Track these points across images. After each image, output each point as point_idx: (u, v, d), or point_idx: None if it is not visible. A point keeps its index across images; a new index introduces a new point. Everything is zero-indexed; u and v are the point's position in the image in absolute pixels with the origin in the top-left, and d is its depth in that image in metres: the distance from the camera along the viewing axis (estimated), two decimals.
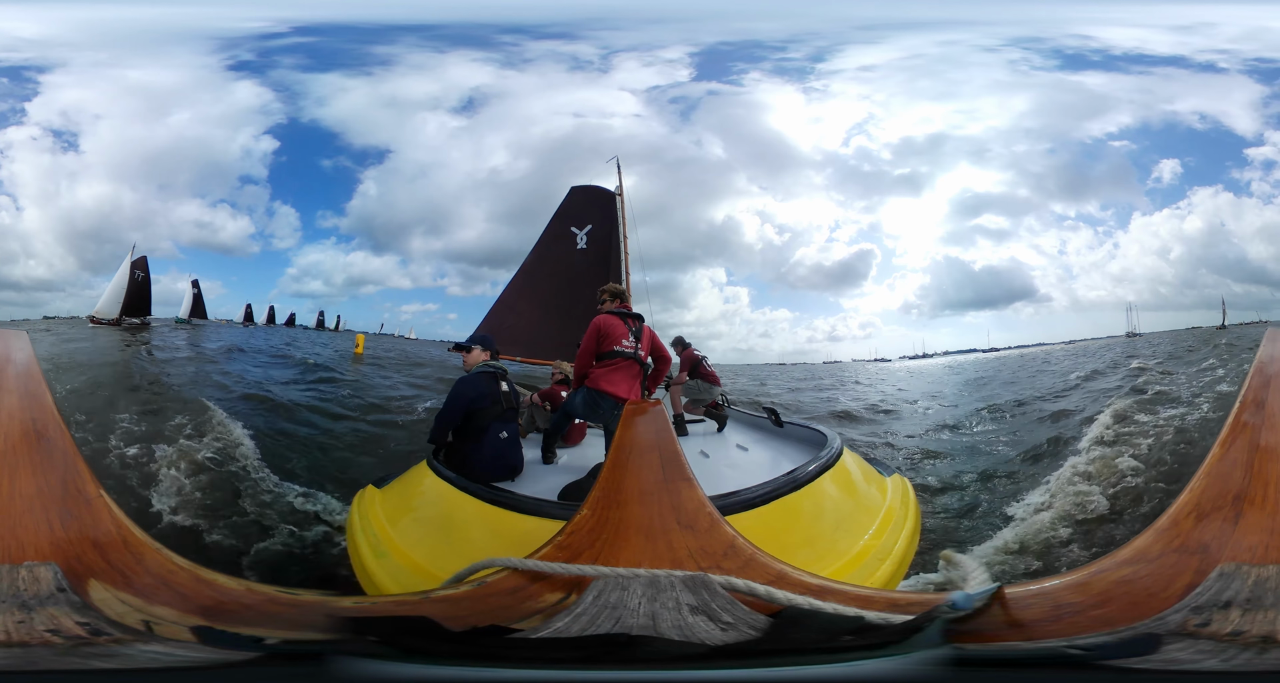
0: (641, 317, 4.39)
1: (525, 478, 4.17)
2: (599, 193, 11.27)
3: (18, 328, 3.06)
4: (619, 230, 10.65)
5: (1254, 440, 1.56)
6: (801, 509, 3.23)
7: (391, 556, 3.18)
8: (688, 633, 1.03)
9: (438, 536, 3.40)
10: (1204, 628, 1.01)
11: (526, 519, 3.05)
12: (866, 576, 2.85)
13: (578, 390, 4.27)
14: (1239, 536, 1.26)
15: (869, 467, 4.42)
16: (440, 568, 2.93)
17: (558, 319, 10.22)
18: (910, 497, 3.94)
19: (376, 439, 9.02)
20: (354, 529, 3.69)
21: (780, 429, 5.60)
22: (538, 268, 11.28)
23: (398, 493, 4.10)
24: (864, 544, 3.08)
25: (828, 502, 3.48)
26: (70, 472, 1.55)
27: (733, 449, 5.20)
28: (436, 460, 4.00)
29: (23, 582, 1.17)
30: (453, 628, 1.05)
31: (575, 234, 11.00)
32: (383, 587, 2.98)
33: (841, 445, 4.15)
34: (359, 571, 3.29)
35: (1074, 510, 6.01)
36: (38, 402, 1.83)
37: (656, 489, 1.84)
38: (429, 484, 3.84)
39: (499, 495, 3.36)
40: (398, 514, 3.71)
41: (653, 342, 4.36)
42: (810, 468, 3.54)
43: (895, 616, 1.09)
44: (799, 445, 5.02)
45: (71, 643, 1.02)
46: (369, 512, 3.78)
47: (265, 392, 11.40)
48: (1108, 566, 1.26)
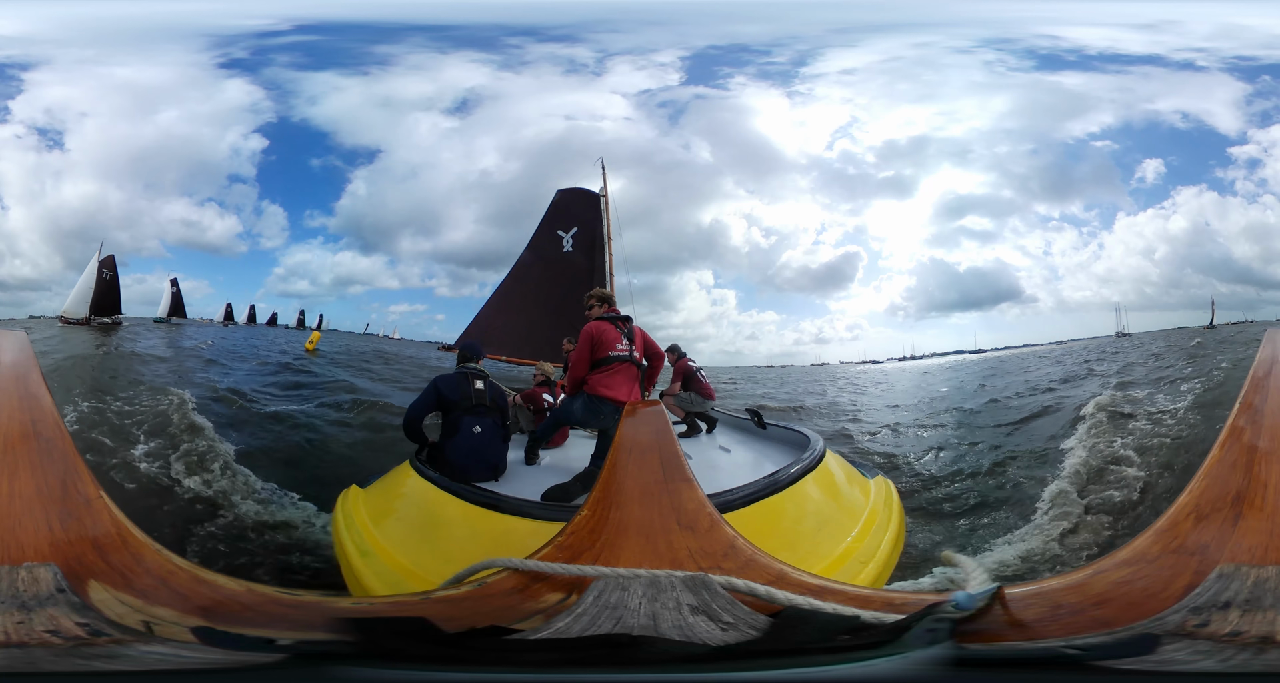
0: (630, 318, 4.43)
1: (508, 478, 4.18)
2: (585, 195, 11.32)
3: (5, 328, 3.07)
4: (604, 232, 10.68)
5: (1253, 442, 1.56)
6: (784, 511, 3.22)
7: (377, 555, 3.19)
8: (688, 633, 1.03)
9: (422, 536, 3.41)
10: (1203, 629, 1.01)
11: (509, 519, 3.06)
12: (849, 578, 2.83)
13: (575, 397, 4.25)
14: (1238, 536, 1.27)
15: (852, 469, 4.42)
16: (424, 568, 2.95)
17: (544, 321, 10.29)
18: (894, 499, 3.93)
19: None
20: (339, 529, 3.71)
21: (763, 431, 5.56)
22: (525, 270, 11.35)
23: (381, 493, 4.12)
24: (846, 546, 3.08)
25: (810, 504, 3.47)
26: (69, 472, 1.55)
27: (715, 451, 5.17)
28: (419, 460, 4.02)
29: (22, 582, 1.17)
30: (454, 629, 1.05)
31: (562, 237, 11.04)
32: (369, 586, 2.99)
33: (824, 447, 4.15)
34: (345, 570, 3.30)
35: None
36: (37, 402, 1.83)
37: (656, 490, 1.84)
38: (412, 484, 3.86)
39: (481, 496, 3.37)
40: (382, 514, 3.73)
41: (645, 341, 4.39)
42: (793, 470, 3.53)
43: (895, 616, 1.09)
44: (782, 447, 5.00)
45: (71, 644, 1.01)
46: (354, 512, 3.80)
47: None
48: (1107, 566, 1.26)
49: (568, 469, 4.15)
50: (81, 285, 21.07)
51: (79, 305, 20.94)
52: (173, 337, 21.15)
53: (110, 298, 21.51)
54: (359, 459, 7.95)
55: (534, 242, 11.49)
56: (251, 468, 7.19)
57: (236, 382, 12.41)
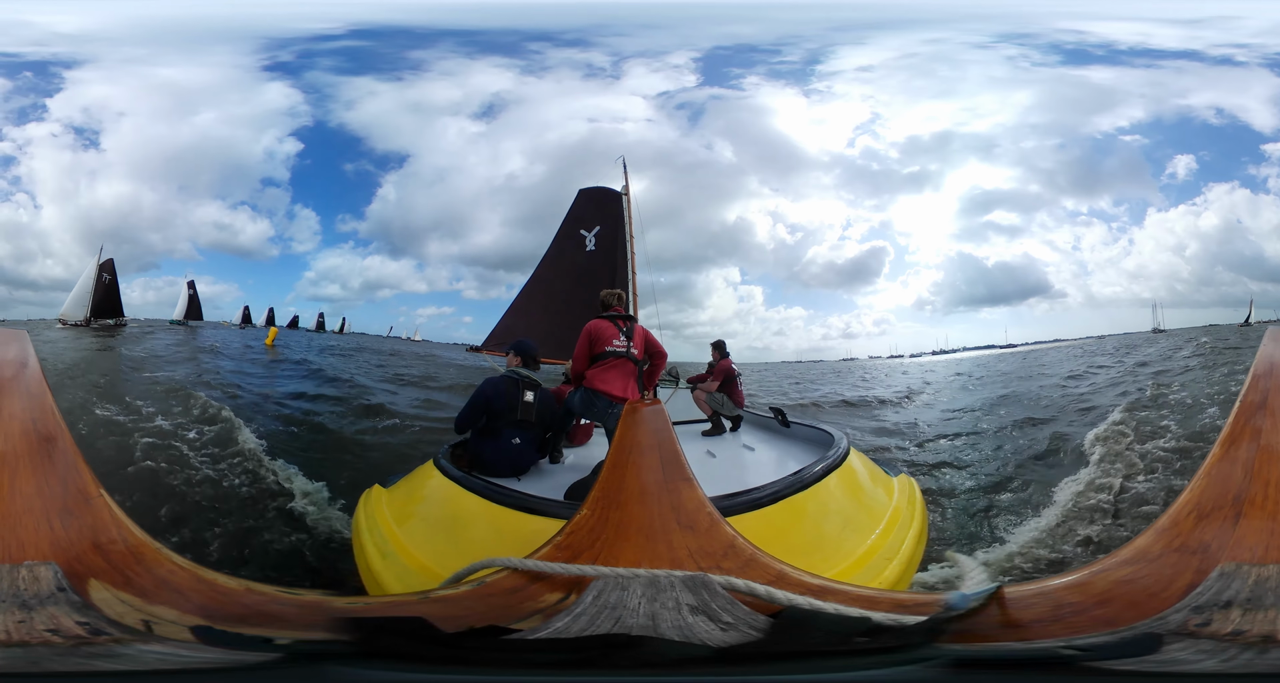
0: (633, 317, 4.51)
1: (532, 477, 4.18)
2: (606, 194, 11.32)
3: (27, 328, 3.07)
4: (625, 230, 10.68)
5: (1255, 440, 1.55)
6: (807, 510, 3.23)
7: (398, 556, 3.17)
8: (688, 633, 1.03)
9: (444, 535, 3.39)
10: (1204, 628, 1.01)
11: (533, 519, 3.05)
12: (873, 576, 2.85)
13: (576, 391, 4.42)
14: (1240, 535, 1.26)
15: (876, 467, 4.43)
16: (445, 568, 2.89)
17: (569, 320, 10.28)
18: (917, 497, 3.93)
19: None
20: (360, 530, 3.68)
21: (787, 429, 5.60)
22: (549, 271, 11.36)
23: (404, 493, 4.11)
24: (870, 544, 3.08)
25: (834, 502, 3.47)
26: (70, 472, 1.55)
27: (739, 449, 5.21)
28: (444, 460, 4.01)
29: (23, 582, 1.17)
30: (452, 629, 1.05)
31: (585, 236, 11.05)
32: (387, 588, 2.97)
33: (848, 446, 4.15)
34: (364, 572, 3.29)
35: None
36: (38, 402, 1.83)
37: (656, 489, 1.84)
38: (435, 483, 3.83)
39: (505, 495, 3.36)
40: (404, 514, 3.71)
41: (646, 339, 4.48)
42: (816, 468, 3.54)
43: (895, 616, 1.09)
44: (805, 446, 5.02)
45: (72, 643, 1.02)
46: (375, 512, 3.78)
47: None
48: (1108, 565, 1.26)
49: (586, 468, 4.17)
50: (80, 288, 21.09)
51: (77, 308, 20.98)
52: (181, 337, 21.21)
53: (110, 300, 21.56)
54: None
55: (557, 241, 11.50)
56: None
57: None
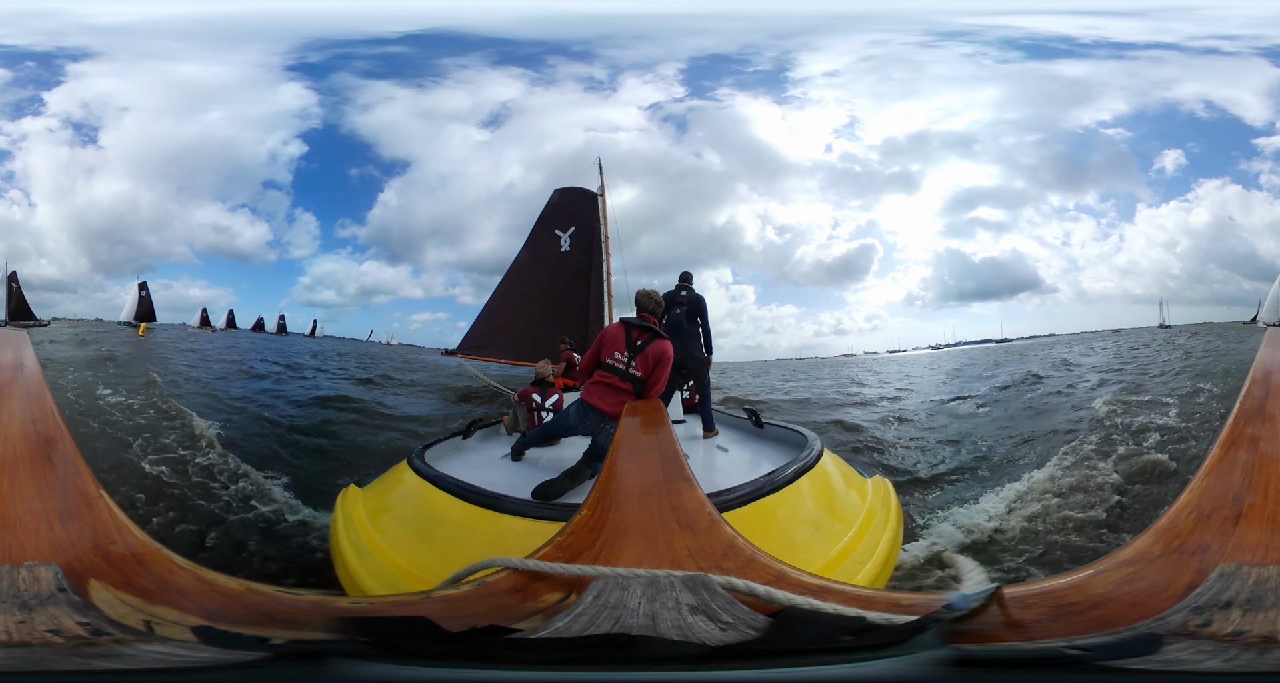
0: (654, 330, 3.91)
1: (499, 477, 4.16)
2: (582, 194, 11.26)
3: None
4: (601, 231, 10.64)
5: (1254, 441, 1.56)
6: (780, 511, 3.22)
7: (373, 554, 3.21)
8: (687, 633, 1.03)
9: (417, 534, 3.43)
10: (1205, 628, 1.01)
11: (506, 519, 3.08)
12: (846, 578, 2.82)
13: (576, 402, 4.13)
14: (1239, 536, 1.26)
15: (849, 469, 4.41)
16: (420, 566, 2.97)
17: (543, 321, 10.23)
18: (892, 498, 3.91)
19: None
20: (337, 528, 3.73)
21: (760, 430, 5.55)
22: (522, 271, 11.29)
23: (379, 492, 4.16)
24: (843, 546, 3.07)
25: (806, 504, 3.46)
26: (70, 472, 1.55)
27: (713, 450, 5.16)
28: (418, 459, 4.05)
29: (23, 582, 1.17)
30: (453, 628, 1.05)
31: (559, 237, 11.00)
32: (365, 585, 3.00)
33: (821, 447, 4.13)
34: (340, 569, 3.32)
35: None
36: (38, 403, 1.83)
37: (656, 489, 1.84)
38: (409, 483, 3.88)
39: (479, 495, 3.38)
40: (379, 513, 3.76)
41: (658, 361, 3.83)
42: (789, 470, 3.53)
43: (895, 616, 1.09)
44: (779, 447, 4.98)
45: (72, 643, 1.02)
46: (351, 510, 3.82)
47: None
48: (1108, 566, 1.26)
49: (557, 468, 4.14)
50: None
51: None
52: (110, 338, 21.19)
53: (22, 306, 21.82)
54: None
55: (531, 241, 11.41)
56: None
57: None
